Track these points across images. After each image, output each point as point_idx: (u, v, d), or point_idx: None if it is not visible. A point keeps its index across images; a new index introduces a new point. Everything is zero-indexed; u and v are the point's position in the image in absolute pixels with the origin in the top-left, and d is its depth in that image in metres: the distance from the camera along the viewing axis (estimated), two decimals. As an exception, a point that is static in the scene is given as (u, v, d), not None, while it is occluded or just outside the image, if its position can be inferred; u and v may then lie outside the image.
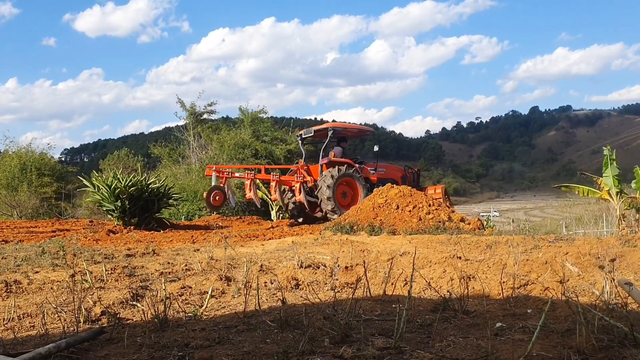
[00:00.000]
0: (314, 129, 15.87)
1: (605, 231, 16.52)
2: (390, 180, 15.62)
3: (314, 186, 14.73)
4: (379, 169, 16.08)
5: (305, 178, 14.79)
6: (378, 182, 15.59)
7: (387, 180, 15.56)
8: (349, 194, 14.97)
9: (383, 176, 15.95)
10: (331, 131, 15.33)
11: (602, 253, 6.14)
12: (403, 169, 16.99)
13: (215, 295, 5.09)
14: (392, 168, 16.91)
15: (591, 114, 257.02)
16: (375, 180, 15.73)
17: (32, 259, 8.03)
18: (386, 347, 3.15)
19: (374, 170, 15.97)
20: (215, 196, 13.96)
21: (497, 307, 4.18)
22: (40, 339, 3.67)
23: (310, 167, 15.47)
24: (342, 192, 14.69)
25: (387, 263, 6.02)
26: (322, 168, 14.96)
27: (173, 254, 8.88)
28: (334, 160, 14.91)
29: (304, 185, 14.67)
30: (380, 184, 15.34)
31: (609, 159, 12.76)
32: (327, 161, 14.90)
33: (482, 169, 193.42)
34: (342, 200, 14.64)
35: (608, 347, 3.01)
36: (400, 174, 16.58)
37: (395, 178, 16.07)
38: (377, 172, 15.97)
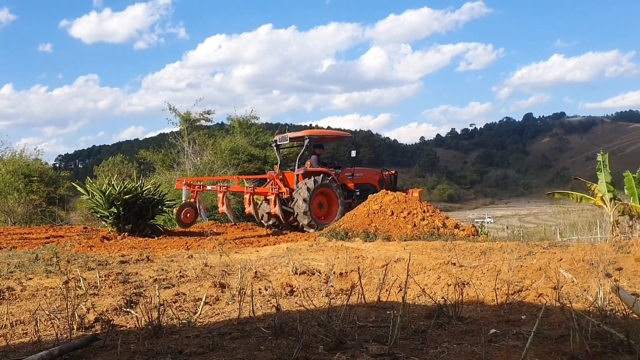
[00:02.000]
0: (289, 136, 15.39)
1: (599, 237, 16.58)
2: (368, 185, 15.56)
3: (290, 197, 14.19)
4: (356, 174, 15.66)
5: (280, 189, 14.23)
6: (355, 187, 15.34)
7: (364, 185, 15.46)
8: (325, 204, 14.51)
9: (360, 181, 15.60)
10: (307, 139, 14.80)
11: (596, 259, 6.16)
12: (380, 172, 16.60)
13: (210, 302, 5.08)
14: (369, 172, 16.51)
15: (585, 121, 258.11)
16: (352, 186, 15.37)
17: (25, 265, 7.99)
18: (380, 353, 3.15)
19: (351, 176, 15.52)
20: (187, 213, 13.35)
21: (492, 314, 4.18)
22: (33, 346, 3.65)
23: (286, 175, 14.91)
24: (318, 203, 14.24)
25: (382, 269, 6.02)
26: (298, 178, 14.44)
27: (167, 260, 8.86)
28: (310, 171, 14.42)
29: (280, 196, 14.16)
30: (357, 189, 15.25)
31: (602, 165, 12.81)
32: (303, 171, 14.40)
33: (477, 176, 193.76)
34: (318, 212, 14.22)
35: (602, 353, 3.01)
36: (378, 177, 16.23)
37: (372, 182, 15.83)
38: (355, 178, 15.54)
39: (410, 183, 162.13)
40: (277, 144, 15.59)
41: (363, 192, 15.23)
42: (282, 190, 14.12)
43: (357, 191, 15.24)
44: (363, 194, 15.08)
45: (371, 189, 15.35)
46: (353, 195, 15.20)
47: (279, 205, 13.77)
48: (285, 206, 14.21)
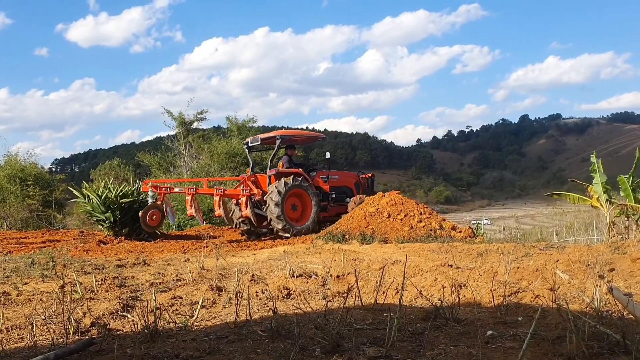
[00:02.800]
0: (260, 137, 14.82)
1: (595, 238, 16.60)
2: (344, 187, 15.28)
3: (262, 200, 13.66)
4: (331, 176, 15.15)
5: (252, 191, 13.70)
6: (331, 190, 14.93)
7: (340, 188, 15.16)
8: (299, 206, 13.99)
9: (336, 184, 15.14)
10: (279, 139, 14.25)
11: (592, 260, 6.17)
12: (357, 175, 16.07)
13: (206, 306, 5.07)
14: (345, 175, 16.01)
15: (580, 122, 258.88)
16: (327, 188, 14.89)
17: (21, 270, 7.96)
18: (377, 356, 3.15)
19: (326, 178, 15.01)
20: (152, 216, 12.88)
21: (488, 315, 4.19)
22: (29, 351, 3.63)
23: (258, 177, 14.48)
24: (291, 205, 13.74)
25: (379, 272, 6.01)
26: (270, 180, 13.98)
27: (164, 264, 8.84)
28: (282, 172, 13.96)
29: (251, 199, 13.61)
30: (333, 192, 14.91)
31: (597, 166, 12.84)
32: (275, 172, 13.94)
33: (473, 177, 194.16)
34: (291, 214, 13.69)
35: (598, 354, 3.02)
36: (354, 180, 15.74)
37: (348, 185, 15.47)
38: (330, 180, 15.04)
39: (407, 185, 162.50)
40: (249, 145, 15.12)
41: (339, 194, 15.04)
42: (253, 192, 13.71)
43: (332, 194, 14.89)
44: (339, 197, 14.97)
45: (347, 192, 15.24)
46: (328, 197, 14.83)
47: (251, 208, 13.34)
48: (258, 209, 13.79)
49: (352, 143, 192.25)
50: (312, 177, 14.53)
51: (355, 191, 15.23)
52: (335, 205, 14.84)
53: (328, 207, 14.63)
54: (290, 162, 14.66)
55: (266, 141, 14.68)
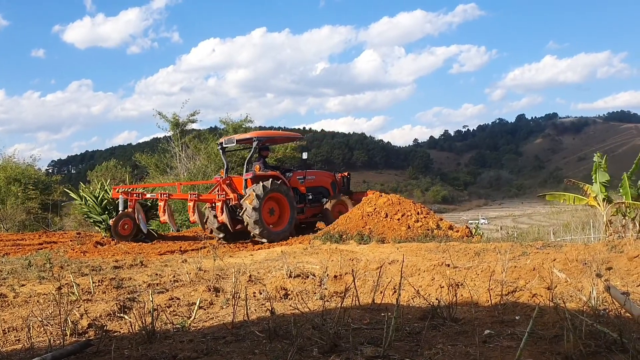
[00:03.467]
0: (236, 138, 14.11)
1: (592, 237, 16.64)
2: (320, 187, 14.87)
3: (238, 204, 13.00)
4: (308, 176, 14.64)
5: (228, 195, 13.11)
6: (307, 191, 14.48)
7: (316, 188, 14.74)
8: (277, 210, 13.39)
9: (312, 184, 14.66)
10: (256, 141, 13.61)
11: (589, 259, 6.18)
12: (333, 174, 15.62)
13: (204, 306, 5.07)
14: (321, 174, 15.46)
15: (577, 121, 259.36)
16: (304, 189, 14.42)
17: (18, 272, 7.95)
18: (375, 355, 3.15)
19: (303, 179, 14.51)
20: (124, 225, 12.43)
21: (486, 314, 4.19)
22: (26, 352, 3.63)
23: (234, 179, 13.82)
24: (269, 209, 13.12)
25: (376, 271, 6.02)
26: (246, 183, 13.35)
27: (161, 265, 8.83)
28: (259, 175, 13.29)
29: (227, 203, 12.98)
30: (310, 192, 14.51)
31: (599, 166, 12.87)
32: (252, 175, 13.27)
33: (470, 177, 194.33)
34: (269, 218, 13.10)
35: (595, 352, 3.02)
36: (330, 180, 15.25)
37: (325, 185, 15.01)
38: (306, 181, 14.55)
39: (405, 185, 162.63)
40: (223, 146, 14.40)
41: (315, 195, 14.69)
42: (229, 197, 13.09)
43: (309, 195, 14.46)
44: (315, 198, 14.65)
45: (324, 192, 14.89)
46: (305, 199, 14.41)
47: (227, 213, 12.73)
48: (234, 213, 13.18)
49: (349, 143, 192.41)
50: (288, 178, 14.07)
51: (331, 191, 14.94)
52: (311, 207, 14.52)
53: (305, 209, 14.29)
54: (266, 164, 14.14)
55: (242, 142, 14.23)
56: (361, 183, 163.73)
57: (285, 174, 14.10)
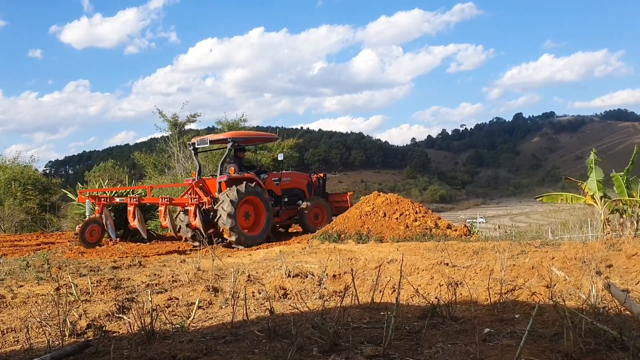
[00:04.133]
0: (209, 139, 13.42)
1: (590, 235, 16.68)
2: (296, 189, 14.44)
3: (212, 208, 12.36)
4: (283, 178, 14.20)
5: (201, 199, 12.41)
6: (283, 193, 14.03)
7: (292, 190, 14.32)
8: (252, 214, 12.80)
9: (288, 186, 14.23)
10: (231, 142, 13.00)
11: (588, 257, 6.19)
12: (308, 175, 15.19)
13: (203, 306, 5.06)
14: (297, 176, 15.07)
15: (574, 120, 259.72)
16: (279, 192, 13.97)
17: (16, 272, 7.93)
18: (375, 354, 3.15)
19: (278, 181, 14.04)
20: (91, 231, 11.62)
21: (485, 313, 4.19)
22: (25, 353, 3.62)
23: (207, 182, 13.17)
24: (244, 213, 12.52)
25: (375, 271, 6.01)
26: (220, 186, 12.75)
27: (160, 265, 8.83)
28: (234, 178, 12.64)
29: (200, 207, 12.31)
30: (285, 195, 14.06)
31: (594, 164, 12.89)
32: (226, 178, 12.64)
33: (468, 176, 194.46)
34: (244, 223, 12.48)
35: (595, 350, 3.02)
36: (306, 181, 14.81)
37: (300, 187, 14.58)
38: (282, 182, 14.09)
39: (402, 184, 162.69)
40: (195, 147, 13.68)
41: (291, 197, 14.25)
42: (202, 200, 12.40)
43: (285, 197, 14.03)
44: (291, 200, 14.23)
45: (300, 194, 14.48)
46: (281, 201, 13.93)
47: (200, 217, 12.08)
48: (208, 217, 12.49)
49: (346, 143, 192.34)
50: (264, 180, 13.53)
51: (307, 193, 14.56)
52: (287, 209, 14.13)
53: (280, 212, 13.85)
54: (241, 166, 13.54)
55: (216, 143, 13.77)
56: (359, 182, 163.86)
57: (260, 176, 13.59)
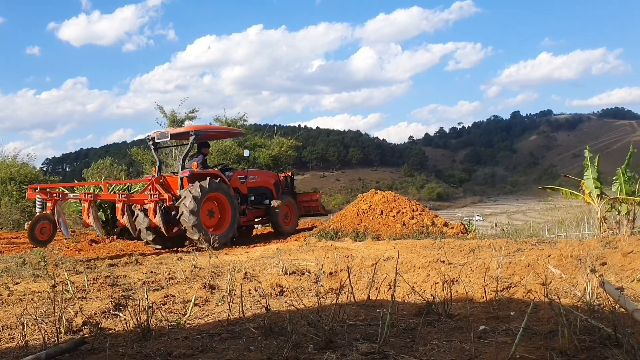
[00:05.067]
0: (170, 132, 12.64)
1: (587, 233, 16.70)
2: (263, 188, 13.79)
3: (173, 205, 11.51)
4: (249, 176, 13.51)
5: (161, 195, 11.61)
6: (249, 192, 13.30)
7: (259, 189, 13.65)
8: (217, 212, 12.03)
9: (255, 184, 13.55)
10: (193, 135, 12.16)
11: (584, 255, 6.20)
12: (276, 174, 14.72)
13: (199, 304, 5.05)
14: (264, 174, 14.51)
15: (571, 118, 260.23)
16: (245, 190, 13.23)
17: (12, 270, 7.92)
18: (370, 352, 3.15)
19: (244, 179, 13.33)
20: (41, 228, 10.56)
21: (481, 310, 4.20)
22: (20, 350, 3.61)
23: (168, 179, 12.39)
24: (207, 211, 11.77)
25: (371, 268, 6.02)
26: (182, 183, 11.92)
27: (156, 262, 8.82)
28: (197, 173, 11.90)
29: (159, 204, 11.41)
30: (252, 193, 13.35)
31: (590, 161, 12.91)
32: (188, 174, 11.83)
33: (465, 174, 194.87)
34: (208, 221, 11.73)
35: (590, 347, 3.03)
36: (273, 180, 14.23)
37: (267, 186, 13.97)
38: (248, 181, 13.40)
39: (400, 182, 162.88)
40: (155, 142, 12.77)
41: (258, 196, 13.58)
42: (163, 197, 11.60)
43: (251, 196, 13.30)
44: (258, 199, 13.57)
45: (266, 193, 13.87)
46: (247, 200, 13.20)
47: (160, 216, 11.22)
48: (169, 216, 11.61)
49: (344, 141, 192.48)
50: (229, 178, 12.84)
51: (274, 192, 14.01)
52: (254, 208, 13.45)
53: (246, 211, 13.11)
54: (204, 160, 12.86)
55: (177, 137, 13.03)
56: (356, 180, 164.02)
57: (225, 173, 12.97)
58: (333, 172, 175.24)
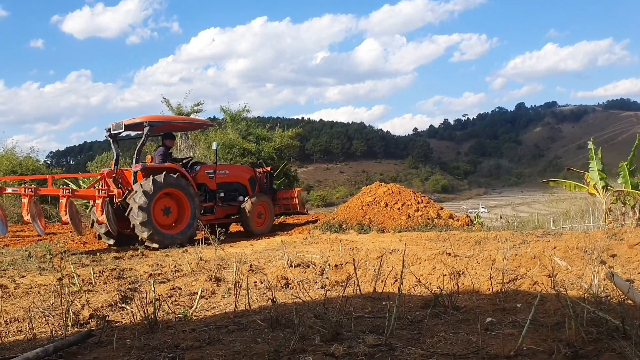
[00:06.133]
0: (124, 123, 11.44)
1: (592, 225, 16.65)
2: (235, 184, 12.75)
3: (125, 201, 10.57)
4: (219, 171, 12.45)
5: (110, 190, 10.74)
6: (219, 187, 12.29)
7: (231, 184, 12.63)
8: (174, 209, 11.03)
9: (225, 180, 12.51)
10: (147, 126, 11.10)
11: (590, 247, 6.18)
12: (251, 169, 13.64)
13: (205, 296, 5.07)
14: (237, 169, 13.54)
15: (576, 110, 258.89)
16: (214, 185, 12.21)
17: (18, 263, 7.96)
18: (377, 344, 3.15)
19: (213, 173, 12.27)
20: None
21: (487, 302, 4.19)
22: (28, 343, 3.63)
23: (126, 172, 11.38)
24: (163, 208, 10.83)
25: (377, 261, 6.02)
26: (136, 177, 10.94)
27: (162, 255, 8.85)
28: (150, 167, 10.92)
29: (108, 201, 10.52)
30: (222, 189, 12.35)
31: (594, 153, 12.88)
32: (141, 167, 10.91)
33: (470, 166, 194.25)
34: (163, 219, 10.79)
35: (597, 339, 3.03)
36: (248, 175, 13.15)
37: (241, 181, 12.90)
38: (218, 176, 12.32)
39: (404, 175, 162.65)
40: (111, 134, 11.77)
41: (230, 193, 12.56)
42: (112, 193, 10.76)
43: (220, 192, 12.30)
44: (230, 196, 12.54)
45: (240, 190, 12.80)
46: (215, 197, 12.20)
47: (107, 212, 10.35)
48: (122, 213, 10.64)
49: (348, 133, 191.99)
50: (195, 173, 11.91)
51: (249, 189, 12.93)
52: (224, 206, 12.40)
53: (215, 208, 12.15)
54: (167, 155, 11.90)
55: (132, 128, 11.80)
56: (360, 173, 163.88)
57: (193, 167, 12.17)
58: (337, 165, 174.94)
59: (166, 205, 10.91)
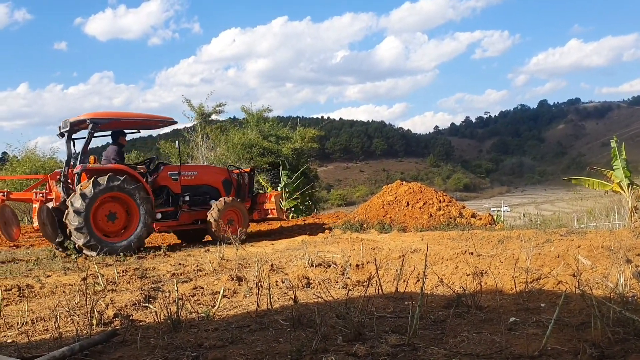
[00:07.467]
0: (70, 121, 10.49)
1: (617, 223, 16.41)
2: (205, 187, 11.53)
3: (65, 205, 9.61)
4: (185, 172, 11.26)
5: (49, 193, 10.08)
6: (184, 190, 11.09)
7: (199, 187, 11.41)
8: (121, 215, 9.96)
9: (192, 182, 11.31)
10: (90, 123, 10.10)
11: (615, 246, 6.09)
12: (226, 170, 12.33)
13: (227, 295, 5.10)
14: (207, 170, 12.61)
15: (600, 106, 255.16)
16: (178, 188, 11.00)
17: (43, 263, 8.09)
18: (400, 344, 3.14)
19: (177, 176, 11.07)
20: None
21: (511, 302, 4.16)
22: (54, 342, 3.68)
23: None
24: (106, 214, 9.81)
25: (399, 260, 6.00)
26: (79, 179, 9.86)
27: (184, 254, 8.92)
28: (93, 168, 9.92)
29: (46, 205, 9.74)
30: (189, 192, 11.14)
31: (617, 151, 12.70)
32: (80, 169, 9.87)
33: (492, 164, 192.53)
34: (107, 225, 9.80)
35: (624, 340, 2.98)
36: (222, 177, 11.88)
37: (212, 184, 11.64)
38: (183, 178, 11.13)
39: (425, 173, 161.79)
40: (61, 132, 10.82)
41: (198, 196, 11.32)
42: (51, 196, 10.06)
43: (185, 195, 11.06)
44: (199, 200, 11.31)
45: (211, 192, 11.53)
46: (178, 201, 10.97)
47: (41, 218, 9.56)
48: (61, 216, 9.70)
49: (367, 131, 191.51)
50: (156, 174, 10.94)
51: (223, 191, 11.64)
52: (191, 210, 11.14)
53: (178, 213, 10.92)
54: (120, 153, 10.94)
55: (77, 126, 10.77)
56: (381, 171, 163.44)
57: (159, 168, 11.25)
58: (357, 164, 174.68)
59: (111, 211, 9.92)
